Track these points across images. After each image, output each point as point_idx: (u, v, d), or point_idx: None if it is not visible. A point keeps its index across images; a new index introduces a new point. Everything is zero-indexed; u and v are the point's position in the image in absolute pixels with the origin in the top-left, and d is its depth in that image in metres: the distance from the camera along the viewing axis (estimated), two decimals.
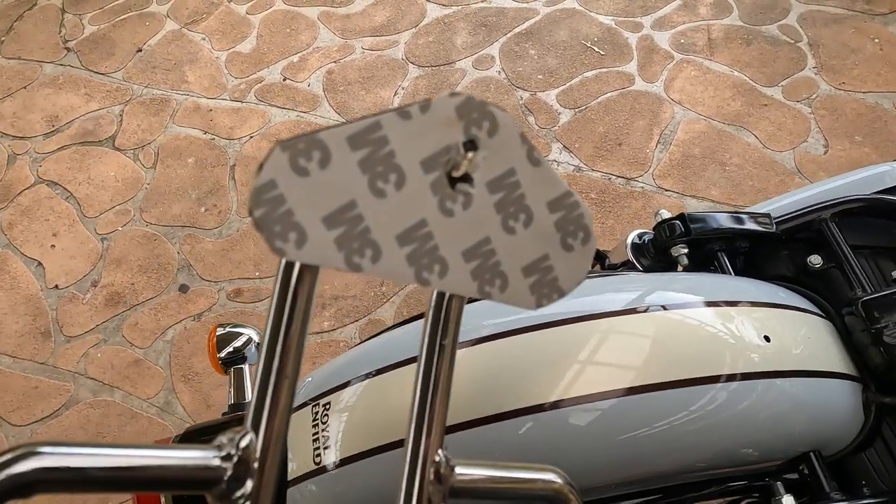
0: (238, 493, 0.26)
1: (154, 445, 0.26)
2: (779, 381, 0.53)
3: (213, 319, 1.57)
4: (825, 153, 1.67)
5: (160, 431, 1.42)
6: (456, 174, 0.26)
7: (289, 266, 0.26)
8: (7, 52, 2.26)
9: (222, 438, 0.26)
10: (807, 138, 1.70)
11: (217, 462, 0.26)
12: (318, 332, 1.52)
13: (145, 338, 1.56)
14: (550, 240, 0.30)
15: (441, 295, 0.32)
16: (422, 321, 0.61)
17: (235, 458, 0.26)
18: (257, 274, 1.63)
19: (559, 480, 0.35)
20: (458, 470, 0.32)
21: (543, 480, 0.35)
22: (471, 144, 0.27)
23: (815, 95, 1.79)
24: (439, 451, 0.32)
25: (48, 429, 1.45)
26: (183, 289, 1.62)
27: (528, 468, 0.35)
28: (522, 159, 0.28)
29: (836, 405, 0.57)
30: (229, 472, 0.26)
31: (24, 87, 2.14)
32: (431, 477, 0.31)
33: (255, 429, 0.26)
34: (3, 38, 2.32)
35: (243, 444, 0.26)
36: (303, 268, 0.26)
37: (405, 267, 0.26)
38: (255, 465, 0.26)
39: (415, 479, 0.31)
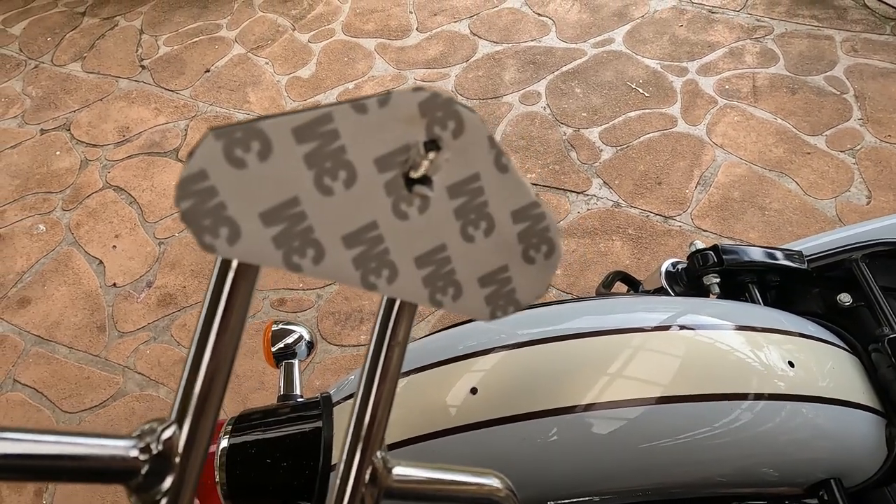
0: (156, 489, 0.24)
1: (73, 432, 0.24)
2: (804, 405, 0.56)
3: (257, 326, 1.65)
4: (868, 203, 1.67)
5: None
6: (414, 175, 0.25)
7: (226, 262, 0.25)
8: (88, 67, 2.45)
9: (145, 428, 0.25)
10: (849, 188, 1.71)
11: (135, 453, 0.24)
12: (354, 346, 1.58)
13: (190, 338, 1.64)
14: (511, 251, 0.28)
15: (392, 299, 0.30)
16: (463, 327, 0.66)
17: (156, 451, 0.24)
18: (301, 286, 1.70)
19: (499, 485, 0.35)
20: (395, 471, 0.32)
21: (483, 484, 0.35)
22: (432, 144, 0.25)
23: (859, 146, 1.80)
24: (378, 452, 0.31)
25: (96, 417, 1.53)
26: None
27: (469, 472, 0.35)
28: (489, 164, 0.26)
29: (859, 436, 0.58)
30: (148, 466, 0.24)
31: (101, 100, 2.31)
32: (367, 478, 0.31)
33: (180, 422, 0.25)
34: (85, 54, 2.52)
35: (165, 436, 0.25)
36: (241, 265, 0.25)
37: (351, 270, 0.25)
38: (177, 459, 0.25)
39: (349, 478, 0.30)
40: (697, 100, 1.99)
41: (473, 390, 0.56)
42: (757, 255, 0.70)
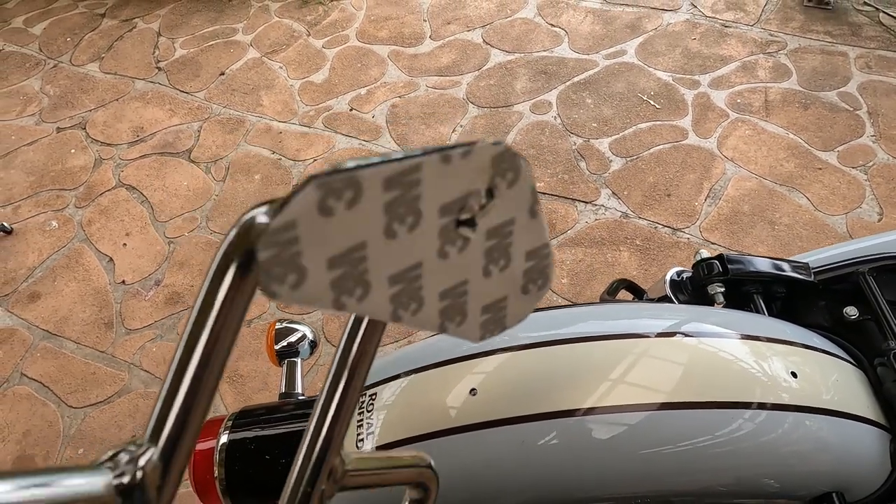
0: None
1: (38, 471, 0.21)
2: (807, 416, 0.55)
3: (262, 327, 1.65)
4: (879, 220, 1.66)
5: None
6: (462, 217, 0.26)
7: (219, 274, 0.23)
8: (105, 68, 2.49)
9: (120, 456, 0.22)
10: (861, 204, 1.69)
11: (106, 478, 0.21)
12: None
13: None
14: (515, 284, 0.30)
15: (359, 318, 0.32)
16: None
17: (131, 481, 0.22)
18: None
19: (423, 464, 0.38)
20: (348, 468, 0.34)
21: (414, 466, 0.38)
22: (490, 193, 0.26)
23: (871, 163, 1.78)
24: (341, 453, 0.33)
25: (100, 413, 1.54)
26: None
27: (401, 459, 0.38)
28: (524, 211, 0.28)
29: (863, 449, 0.58)
30: (121, 499, 0.22)
31: (117, 100, 2.34)
32: (326, 479, 0.32)
33: (155, 442, 0.23)
34: (103, 55, 2.55)
35: (143, 462, 0.22)
36: (236, 280, 0.23)
37: (387, 305, 0.25)
38: (154, 488, 0.22)
39: (304, 478, 0.31)
40: (709, 113, 1.98)
41: (473, 391, 0.56)
42: (763, 265, 0.70)
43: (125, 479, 0.22)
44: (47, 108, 2.35)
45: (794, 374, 0.57)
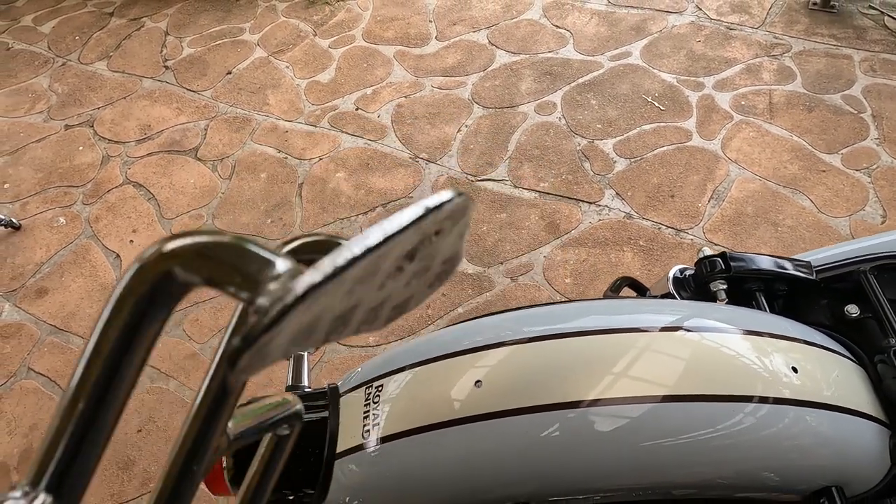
0: None
1: None
2: (808, 410, 0.56)
3: None
4: (882, 223, 1.66)
5: None
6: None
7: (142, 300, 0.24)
8: (113, 66, 2.51)
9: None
10: (864, 207, 1.70)
11: None
12: (362, 346, 1.59)
13: (203, 333, 1.66)
14: (425, 284, 0.30)
15: None
16: (469, 323, 0.66)
17: None
18: None
19: (290, 399, 0.41)
20: (233, 438, 0.37)
21: (278, 404, 0.41)
22: (437, 233, 0.27)
23: (875, 166, 1.79)
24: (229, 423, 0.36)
25: None
26: None
27: (272, 405, 0.41)
28: (458, 237, 0.29)
29: (862, 444, 0.59)
30: None
31: (125, 98, 2.36)
32: (212, 453, 0.34)
33: (56, 492, 0.21)
34: (111, 54, 2.57)
35: None
36: (150, 313, 0.25)
37: (321, 338, 0.25)
38: None
39: (189, 452, 0.33)
40: (713, 115, 1.99)
41: (477, 383, 0.57)
42: (765, 263, 0.71)
43: None
44: (56, 106, 2.37)
45: (794, 370, 0.57)
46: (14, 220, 1.94)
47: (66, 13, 2.84)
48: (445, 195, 0.26)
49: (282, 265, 0.24)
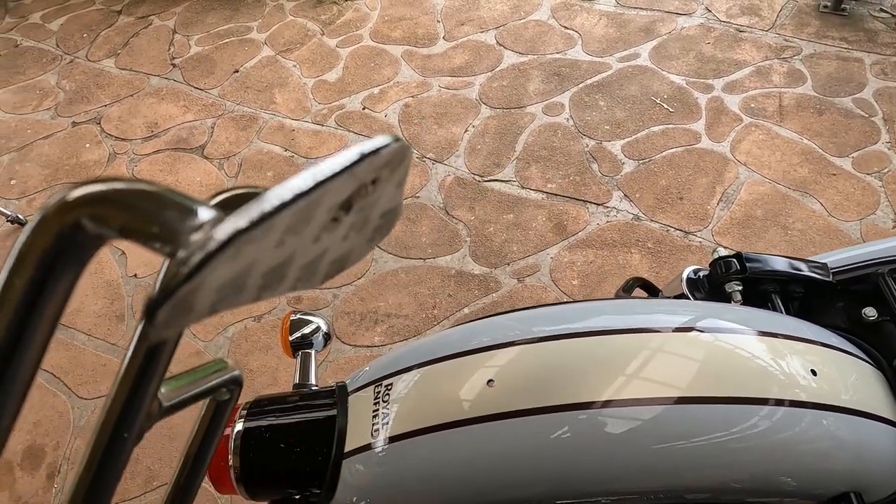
0: None
1: None
2: (826, 414, 0.55)
3: (272, 322, 1.66)
4: (894, 227, 1.64)
5: None
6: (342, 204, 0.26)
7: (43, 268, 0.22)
8: (121, 64, 2.51)
9: None
10: (875, 211, 1.68)
11: None
12: (368, 346, 1.58)
13: (208, 332, 1.66)
14: (364, 238, 0.30)
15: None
16: (478, 322, 0.65)
17: None
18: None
19: (228, 364, 0.40)
20: (165, 404, 0.35)
21: (223, 379, 0.40)
22: (373, 181, 0.26)
23: (886, 170, 1.77)
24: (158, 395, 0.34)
25: None
26: None
27: (207, 368, 0.40)
28: (394, 185, 0.27)
29: (882, 449, 0.57)
30: None
31: (132, 95, 2.36)
32: (145, 418, 0.32)
33: None
34: (119, 51, 2.58)
35: None
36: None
37: (252, 295, 0.24)
38: None
39: (120, 416, 0.31)
40: (722, 117, 1.98)
41: (490, 382, 0.56)
42: (781, 264, 0.70)
43: None
44: (63, 103, 2.37)
45: (814, 373, 0.56)
46: (21, 217, 1.94)
47: (74, 11, 2.85)
48: (382, 140, 0.25)
49: (205, 214, 0.22)
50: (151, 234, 0.22)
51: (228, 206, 0.26)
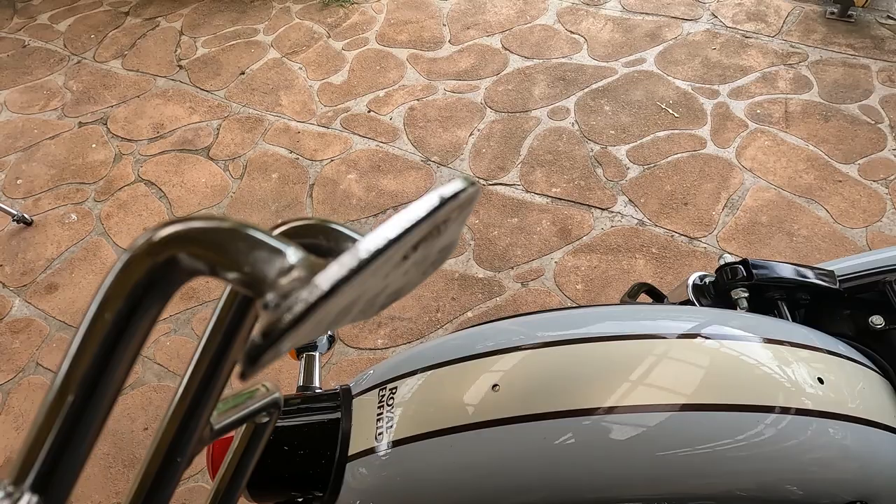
0: None
1: None
2: (832, 423, 0.54)
3: None
4: None
5: None
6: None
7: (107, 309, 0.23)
8: (128, 65, 2.52)
9: None
10: (881, 218, 1.68)
11: None
12: (371, 349, 1.58)
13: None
14: (420, 272, 0.30)
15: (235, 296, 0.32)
16: (482, 327, 0.65)
17: None
18: None
19: (269, 387, 0.40)
20: (216, 427, 0.36)
21: (262, 398, 0.41)
22: (445, 223, 0.26)
23: (892, 177, 1.77)
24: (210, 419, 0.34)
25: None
26: None
27: (253, 394, 0.40)
28: (458, 225, 0.28)
29: (889, 458, 0.57)
30: None
31: (138, 97, 2.37)
32: (195, 442, 0.33)
33: (42, 491, 0.21)
34: (126, 53, 2.59)
35: None
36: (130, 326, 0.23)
37: (320, 332, 0.24)
38: None
39: (173, 439, 0.32)
40: (728, 122, 1.97)
41: (495, 387, 0.56)
42: (787, 271, 0.69)
43: None
44: (70, 103, 2.38)
45: (820, 381, 0.56)
46: (26, 216, 1.95)
47: (82, 12, 2.86)
48: (459, 184, 0.25)
49: (293, 256, 0.23)
50: (242, 275, 0.23)
51: (297, 237, 0.28)
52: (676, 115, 2.02)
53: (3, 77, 2.54)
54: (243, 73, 2.40)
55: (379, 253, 0.22)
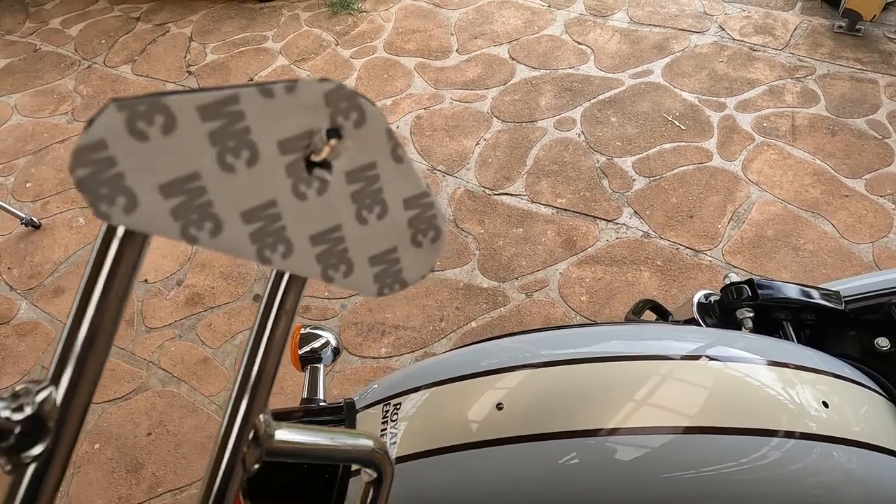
0: (28, 452, 0.24)
1: None
2: (836, 447, 0.54)
3: None
4: None
5: (216, 427, 1.49)
6: (315, 159, 0.26)
7: (111, 230, 0.25)
8: (138, 70, 2.54)
9: (19, 389, 0.24)
10: (888, 234, 1.67)
11: (7, 413, 0.23)
12: (375, 357, 1.58)
13: (216, 339, 1.67)
14: (401, 234, 0.30)
15: (281, 272, 0.32)
16: (485, 344, 0.66)
17: (29, 412, 0.23)
18: (326, 294, 1.72)
19: (373, 444, 0.38)
20: (278, 434, 0.33)
21: (360, 445, 0.37)
22: (335, 132, 0.26)
23: None
24: (261, 416, 0.32)
25: (117, 409, 1.56)
26: (257, 298, 1.73)
27: (349, 434, 0.37)
28: (386, 155, 0.28)
29: (893, 483, 0.57)
30: (20, 427, 0.23)
31: None
32: (250, 437, 0.32)
33: (56, 383, 0.24)
34: (136, 58, 2.61)
35: (40, 397, 0.24)
36: (127, 233, 0.25)
37: (247, 244, 0.25)
38: (52, 423, 0.24)
39: (230, 439, 0.31)
40: (734, 135, 1.97)
41: (499, 406, 0.56)
42: (793, 292, 0.69)
43: (25, 407, 0.23)
44: (80, 107, 2.40)
45: (825, 405, 0.56)
46: (35, 219, 1.96)
47: (93, 17, 2.89)
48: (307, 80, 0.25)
49: None
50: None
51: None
52: (683, 127, 2.02)
53: (15, 81, 2.57)
54: (252, 80, 2.42)
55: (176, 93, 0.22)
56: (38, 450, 0.24)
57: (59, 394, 0.24)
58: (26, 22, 2.91)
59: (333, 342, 0.83)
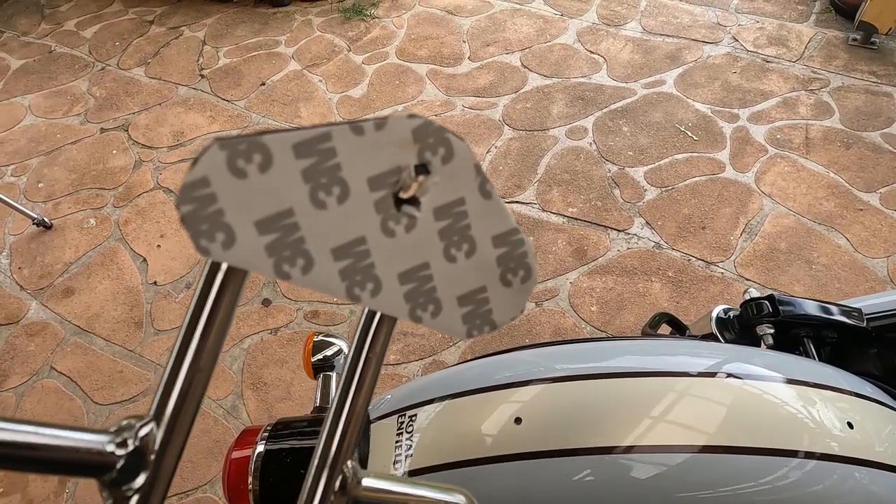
0: (129, 485, 0.25)
1: (49, 424, 0.25)
2: (858, 469, 0.53)
3: (288, 336, 1.66)
4: None
5: (223, 432, 1.49)
6: (403, 196, 0.26)
7: (215, 265, 0.26)
8: (151, 73, 2.56)
9: (122, 424, 0.25)
10: None
11: (111, 448, 0.24)
12: (383, 364, 1.57)
13: (224, 343, 1.66)
14: (490, 273, 0.29)
15: (372, 312, 0.32)
16: (500, 356, 0.65)
17: (132, 447, 0.25)
18: (335, 300, 1.72)
19: (464, 501, 0.36)
20: (364, 482, 0.33)
21: (448, 501, 0.36)
22: (423, 168, 0.26)
23: None
24: (348, 462, 0.32)
25: (125, 411, 1.56)
26: (265, 303, 1.73)
27: (437, 488, 0.36)
28: (474, 190, 0.27)
29: None
30: (123, 461, 0.24)
31: (160, 104, 2.40)
32: (337, 486, 0.31)
33: (158, 419, 0.25)
34: (149, 60, 2.63)
35: (143, 433, 0.25)
36: (229, 269, 0.26)
37: (337, 281, 0.25)
38: (153, 457, 0.25)
39: (318, 486, 0.31)
40: (747, 147, 1.96)
41: (518, 420, 0.55)
42: (814, 308, 0.68)
43: (128, 442, 0.25)
44: (93, 109, 2.42)
45: (850, 425, 0.55)
46: (46, 220, 1.97)
47: (107, 19, 2.91)
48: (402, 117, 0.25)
49: None
50: None
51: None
52: (695, 137, 2.01)
53: (29, 81, 2.59)
54: (264, 84, 2.43)
55: (275, 133, 0.23)
56: (138, 482, 0.25)
57: (161, 429, 0.25)
58: (41, 24, 2.94)
59: (346, 350, 0.82)
